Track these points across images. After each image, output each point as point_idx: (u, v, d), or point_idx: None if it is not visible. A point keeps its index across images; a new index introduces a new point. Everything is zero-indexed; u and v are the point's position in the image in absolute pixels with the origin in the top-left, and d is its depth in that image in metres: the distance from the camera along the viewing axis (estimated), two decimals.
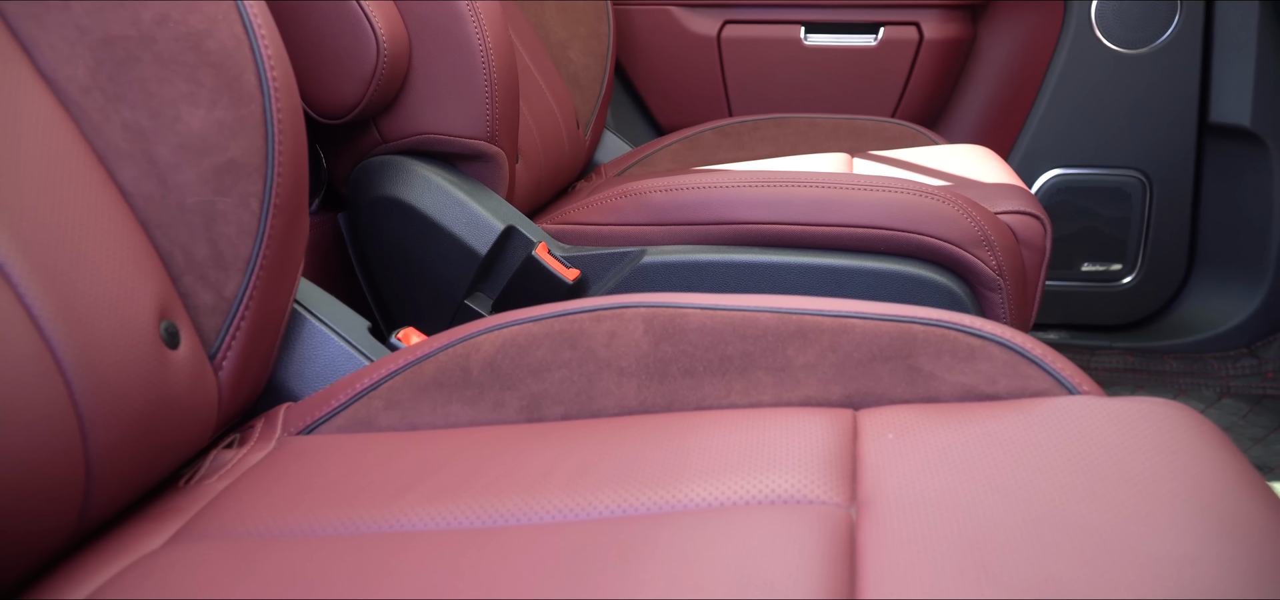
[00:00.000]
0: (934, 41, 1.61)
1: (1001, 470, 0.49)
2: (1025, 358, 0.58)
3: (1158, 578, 0.39)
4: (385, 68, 0.96)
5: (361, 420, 0.63)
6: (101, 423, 0.51)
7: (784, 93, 1.66)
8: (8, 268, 0.49)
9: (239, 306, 0.62)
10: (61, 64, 0.58)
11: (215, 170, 0.60)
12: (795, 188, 1.00)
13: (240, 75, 0.61)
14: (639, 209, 1.03)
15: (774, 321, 0.61)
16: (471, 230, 1.02)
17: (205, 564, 0.49)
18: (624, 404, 0.61)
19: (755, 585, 0.41)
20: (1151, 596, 0.38)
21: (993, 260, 0.97)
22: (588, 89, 1.48)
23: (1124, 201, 1.65)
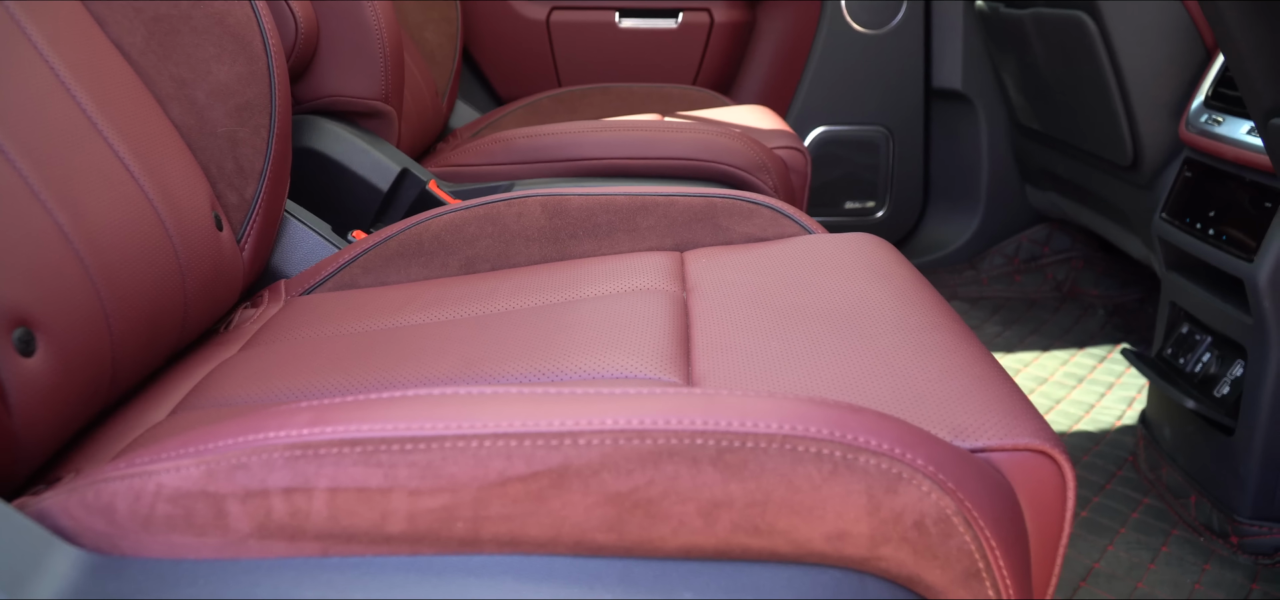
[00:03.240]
0: (722, 24, 1.98)
1: (766, 268, 0.83)
2: (784, 215, 0.93)
3: (845, 298, 0.73)
4: (301, 42, 1.21)
5: (346, 282, 0.90)
6: (191, 272, 0.77)
7: (604, 66, 1.99)
8: (131, 167, 0.74)
9: (255, 204, 0.88)
10: (124, 33, 0.83)
11: (237, 108, 0.86)
12: (626, 131, 1.32)
13: (251, 41, 0.87)
14: (506, 152, 1.33)
15: (627, 201, 0.93)
16: (374, 171, 1.28)
17: (272, 356, 0.76)
18: (531, 257, 0.91)
19: (636, 324, 0.72)
20: (840, 306, 0.72)
21: (770, 181, 1.33)
22: (442, 64, 1.75)
23: (873, 151, 2.08)
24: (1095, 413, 1.51)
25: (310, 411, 0.45)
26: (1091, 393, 1.58)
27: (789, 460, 0.43)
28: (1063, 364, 1.70)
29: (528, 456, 0.43)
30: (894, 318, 0.69)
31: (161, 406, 0.70)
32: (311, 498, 0.43)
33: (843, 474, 0.44)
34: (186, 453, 0.44)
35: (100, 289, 0.65)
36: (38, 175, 0.64)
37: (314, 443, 0.43)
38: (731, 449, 0.43)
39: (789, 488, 0.43)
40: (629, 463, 0.43)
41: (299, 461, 0.43)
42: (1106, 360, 1.71)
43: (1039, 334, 1.85)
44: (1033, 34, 1.63)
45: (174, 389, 0.73)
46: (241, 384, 0.70)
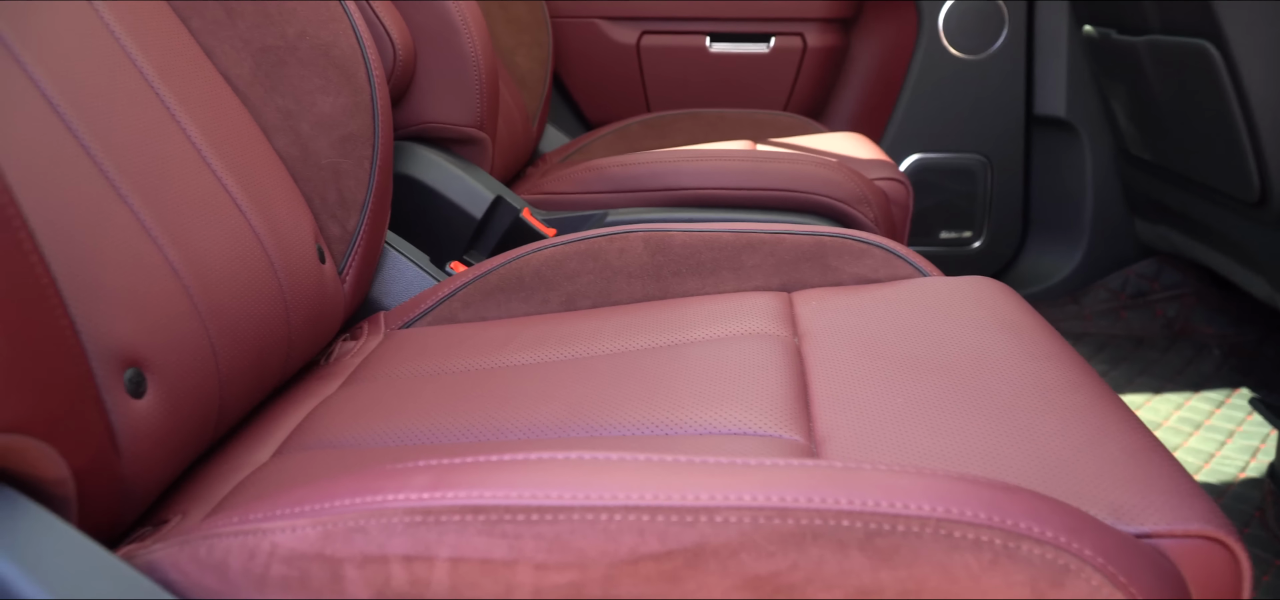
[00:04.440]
0: (815, 49, 1.94)
1: (881, 313, 0.79)
2: (897, 256, 0.88)
3: (969, 349, 0.69)
4: (399, 70, 1.21)
5: (445, 317, 0.89)
6: (296, 306, 0.76)
7: (693, 91, 1.96)
8: (238, 199, 0.74)
9: (356, 236, 0.87)
10: (232, 65, 0.83)
11: (340, 140, 0.85)
12: (723, 161, 1.29)
13: (355, 73, 0.86)
14: (600, 180, 1.31)
15: (732, 237, 0.89)
16: (469, 198, 1.27)
17: (375, 394, 0.74)
18: (633, 294, 0.89)
19: (750, 372, 0.69)
20: (965, 359, 0.68)
21: (871, 214, 1.29)
22: (533, 88, 1.74)
23: (971, 179, 2.01)
24: (1216, 463, 1.43)
25: (430, 473, 0.43)
26: (1210, 441, 1.49)
27: (945, 547, 0.40)
28: (1177, 408, 1.61)
29: (661, 533, 0.40)
30: (1027, 374, 0.65)
31: (264, 445, 0.69)
32: (432, 567, 0.40)
33: (1004, 564, 0.40)
34: (303, 511, 0.43)
35: (209, 326, 0.64)
36: (148, 209, 0.63)
37: (435, 508, 0.41)
38: (881, 532, 0.40)
39: (945, 577, 0.40)
40: (770, 544, 0.39)
41: (419, 528, 0.41)
42: (1225, 405, 1.61)
43: (1149, 375, 1.76)
44: (1148, 61, 1.56)
45: (276, 427, 0.72)
46: (345, 424, 0.68)
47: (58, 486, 0.47)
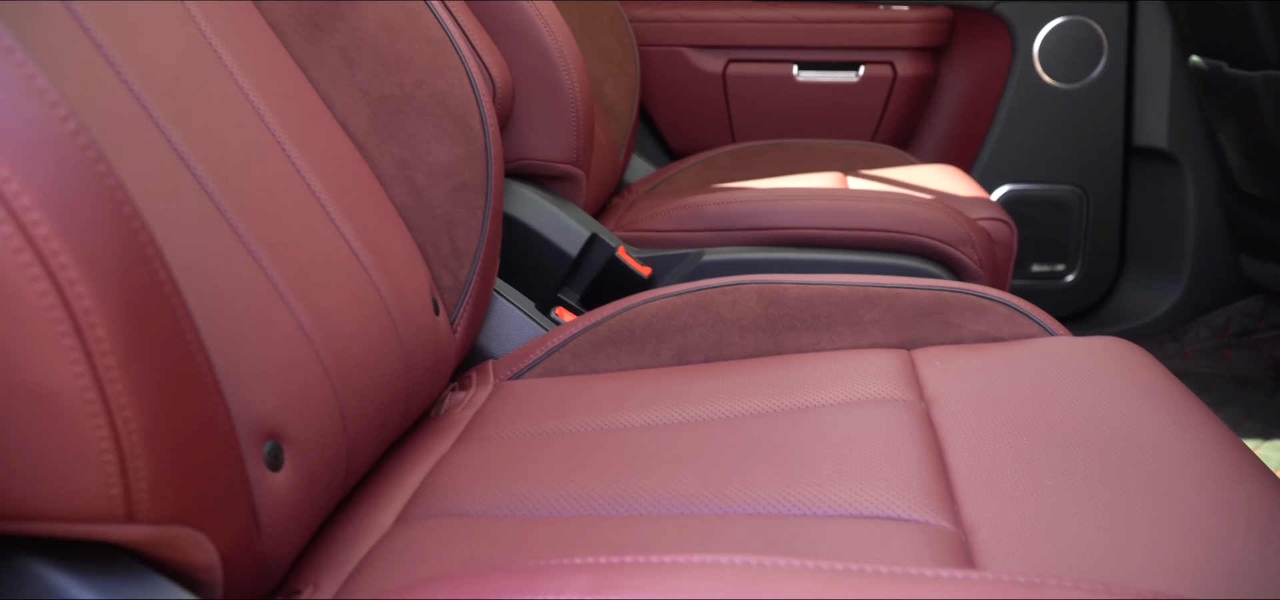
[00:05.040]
0: (905, 77, 1.91)
1: (1009, 377, 0.76)
2: (1021, 312, 0.85)
3: (1113, 424, 0.66)
4: (498, 108, 1.20)
5: (555, 368, 0.88)
6: (414, 362, 0.75)
7: (779, 120, 1.94)
8: (360, 255, 0.73)
9: (468, 286, 0.86)
10: (349, 114, 0.83)
11: (454, 189, 0.85)
12: (822, 200, 1.27)
13: (470, 122, 0.86)
14: (697, 218, 1.29)
15: (848, 292, 0.87)
16: (564, 236, 1.27)
17: (492, 455, 0.73)
18: (746, 350, 0.87)
19: (882, 444, 0.66)
20: (1111, 434, 0.64)
21: (975, 255, 1.25)
22: (620, 119, 1.73)
23: (1065, 211, 1.95)
24: None
25: (590, 574, 0.42)
26: None
27: None
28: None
29: None
30: (1182, 456, 0.61)
31: (385, 508, 0.68)
32: None
33: None
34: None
35: (338, 390, 0.63)
36: (279, 271, 0.63)
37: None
38: None
39: None
40: None
41: None
42: None
43: (1256, 419, 1.69)
44: (1264, 97, 1.49)
45: (395, 487, 0.71)
46: (465, 488, 0.67)
47: (206, 572, 0.46)
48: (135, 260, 0.40)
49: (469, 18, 1.18)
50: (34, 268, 0.36)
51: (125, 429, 0.40)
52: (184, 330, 0.44)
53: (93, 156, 0.40)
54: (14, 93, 0.37)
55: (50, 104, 0.38)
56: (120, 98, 0.57)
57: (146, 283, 0.40)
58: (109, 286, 0.38)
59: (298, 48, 0.81)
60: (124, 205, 0.41)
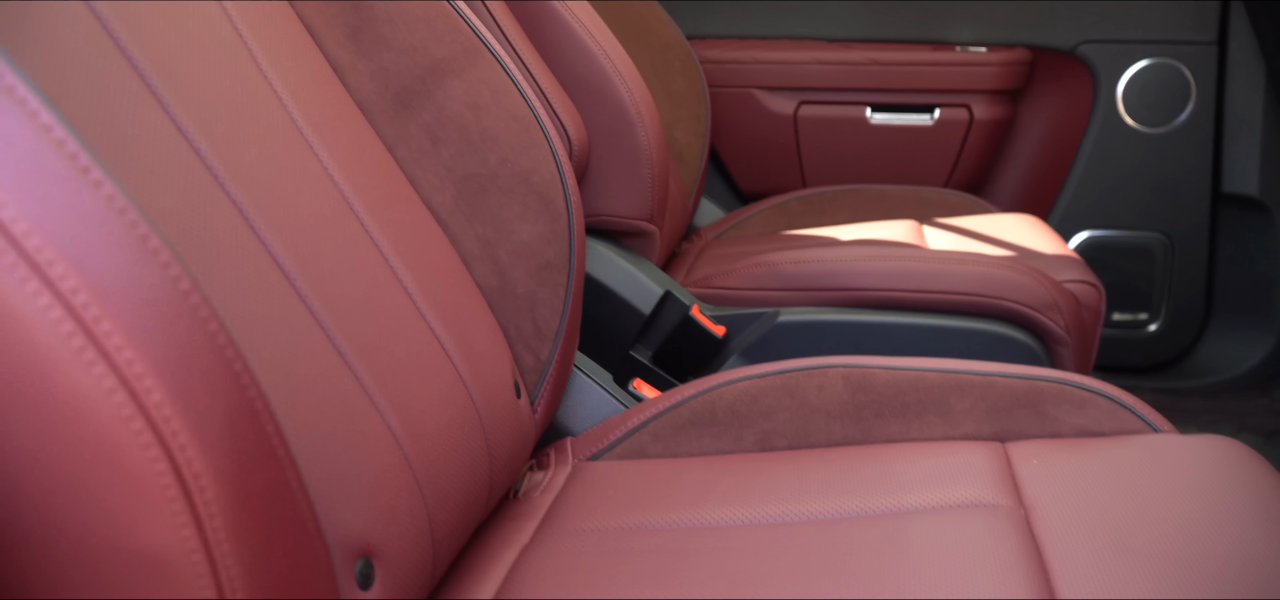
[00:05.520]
0: (982, 121, 1.86)
1: (1114, 483, 0.72)
2: (1123, 406, 0.82)
3: (1241, 553, 0.62)
4: (574, 165, 1.20)
5: (635, 450, 0.86)
6: (497, 450, 0.74)
7: (851, 164, 1.90)
8: (447, 346, 0.72)
9: (549, 365, 0.85)
10: (434, 193, 0.82)
11: (537, 268, 0.84)
12: (903, 261, 1.24)
13: (553, 200, 0.85)
14: (773, 277, 1.27)
15: (939, 378, 0.84)
16: (637, 294, 1.25)
17: (576, 552, 0.72)
18: (832, 437, 0.84)
19: (985, 563, 0.64)
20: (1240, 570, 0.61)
21: (1061, 321, 1.21)
22: (690, 164, 1.72)
23: (1148, 259, 1.89)
24: None
25: None
26: None
27: None
28: None
29: None
30: None
31: None
32: None
33: None
34: None
35: (427, 495, 0.62)
36: (370, 374, 0.62)
37: None
38: None
39: None
40: None
41: None
42: None
43: None
44: None
45: (478, 579, 0.70)
46: (552, 590, 0.66)
47: None
48: (245, 420, 0.39)
49: (546, 75, 1.17)
50: (146, 436, 0.36)
51: (231, 587, 0.39)
52: (288, 480, 0.43)
53: (205, 316, 0.39)
54: (128, 254, 0.37)
55: (163, 265, 0.37)
56: (221, 207, 0.57)
57: (255, 441, 0.39)
58: (219, 452, 0.38)
59: (384, 126, 0.81)
60: (234, 362, 0.40)
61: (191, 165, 0.56)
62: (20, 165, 0.34)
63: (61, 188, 0.35)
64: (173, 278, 0.37)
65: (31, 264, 0.34)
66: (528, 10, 1.20)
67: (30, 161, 0.34)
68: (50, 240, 0.34)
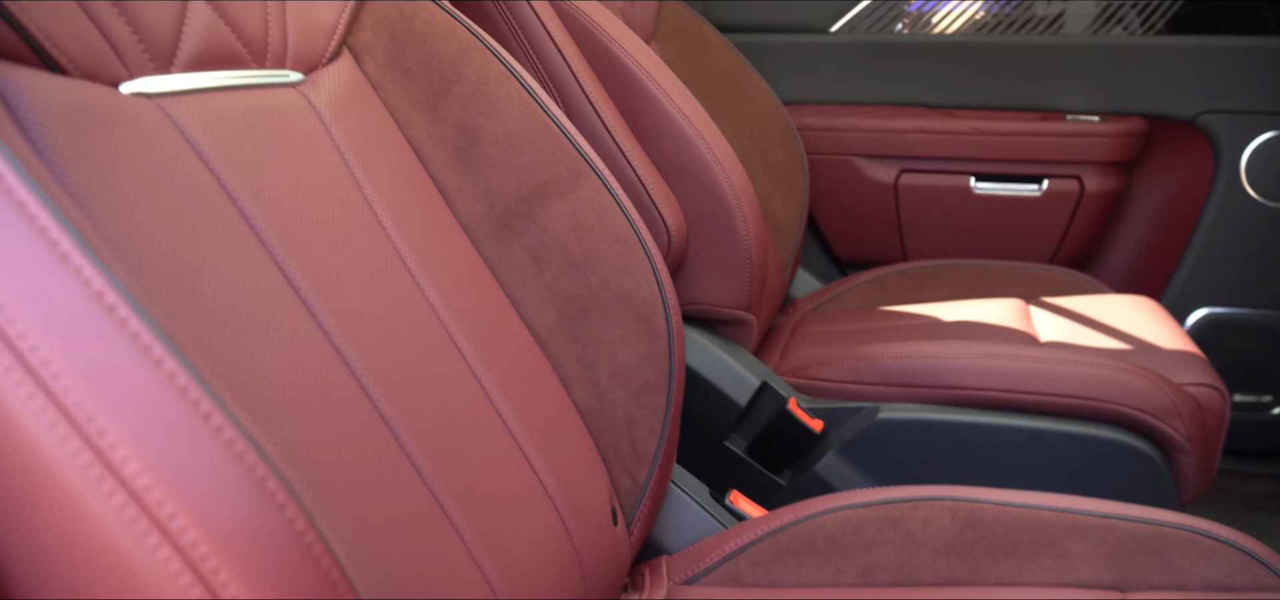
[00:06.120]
0: (1094, 193, 1.79)
1: None
2: (1255, 559, 0.77)
3: None
4: (672, 255, 1.19)
5: (731, 577, 0.85)
6: (592, 581, 0.74)
7: (952, 235, 1.85)
8: (543, 478, 0.72)
9: (646, 487, 0.84)
10: (536, 315, 0.82)
11: (637, 390, 0.83)
12: (1011, 360, 1.19)
13: (654, 321, 0.84)
14: (873, 371, 1.24)
15: (1054, 518, 0.80)
16: (732, 384, 1.24)
17: None
18: (938, 575, 0.81)
19: None
20: None
21: (1182, 428, 1.15)
22: (788, 235, 1.69)
23: (1272, 338, 1.79)
24: None
25: None
26: None
27: None
28: None
29: None
30: None
31: None
32: None
33: None
34: None
35: None
36: (469, 524, 0.62)
37: None
38: None
39: None
40: None
41: None
42: None
43: None
44: None
45: None
46: None
47: None
48: None
49: (646, 166, 1.17)
50: None
51: None
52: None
53: (301, 529, 0.39)
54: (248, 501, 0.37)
55: (258, 482, 0.37)
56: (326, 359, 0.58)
57: None
58: None
59: (488, 248, 0.81)
60: (330, 571, 0.40)
61: (298, 318, 0.57)
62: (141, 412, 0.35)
63: (183, 438, 0.35)
64: (289, 519, 0.37)
65: (153, 518, 0.34)
66: (628, 99, 1.20)
67: (152, 411, 0.35)
68: (172, 493, 0.35)
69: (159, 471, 0.35)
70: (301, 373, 0.55)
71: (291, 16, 0.71)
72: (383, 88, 0.80)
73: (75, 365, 0.34)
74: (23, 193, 0.36)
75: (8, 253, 0.35)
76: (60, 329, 0.34)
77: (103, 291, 0.36)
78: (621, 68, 1.20)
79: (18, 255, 0.35)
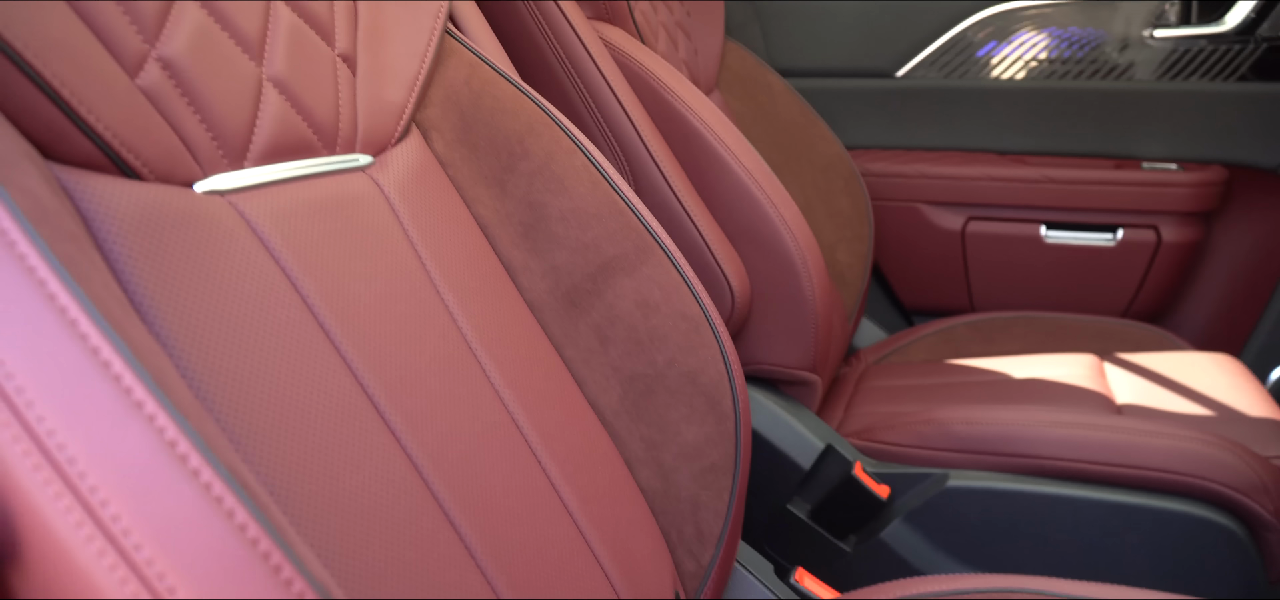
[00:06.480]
0: (1171, 244, 1.73)
1: None
2: None
3: None
4: (736, 317, 1.17)
5: None
6: None
7: (1021, 282, 1.81)
8: (609, 573, 0.71)
9: (710, 571, 0.82)
10: (600, 393, 0.81)
11: (702, 471, 0.81)
12: (1087, 429, 1.15)
13: (721, 401, 0.82)
14: (942, 437, 1.20)
15: None
16: (796, 447, 1.21)
17: None
18: None
19: None
20: None
21: (1270, 505, 1.10)
22: (852, 285, 1.66)
23: None
24: None
25: None
26: None
27: None
28: None
29: None
30: None
31: None
32: None
33: None
34: None
35: None
36: None
37: None
38: None
39: None
40: None
41: None
42: None
43: None
44: None
45: None
46: None
47: None
48: None
49: (712, 227, 1.16)
50: None
51: None
52: None
53: None
54: None
55: None
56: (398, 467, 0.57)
57: None
58: None
59: (554, 326, 0.80)
60: None
61: (368, 425, 0.56)
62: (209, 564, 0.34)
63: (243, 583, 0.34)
64: None
65: None
66: (693, 158, 1.19)
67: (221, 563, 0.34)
68: None
69: None
70: (370, 484, 0.55)
71: (362, 100, 0.71)
72: (451, 165, 0.79)
73: (145, 519, 0.34)
74: (97, 339, 0.36)
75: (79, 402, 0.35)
76: (129, 485, 0.34)
77: (176, 440, 0.35)
78: (688, 127, 1.19)
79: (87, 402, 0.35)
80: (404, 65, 0.76)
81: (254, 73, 0.61)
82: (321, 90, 0.67)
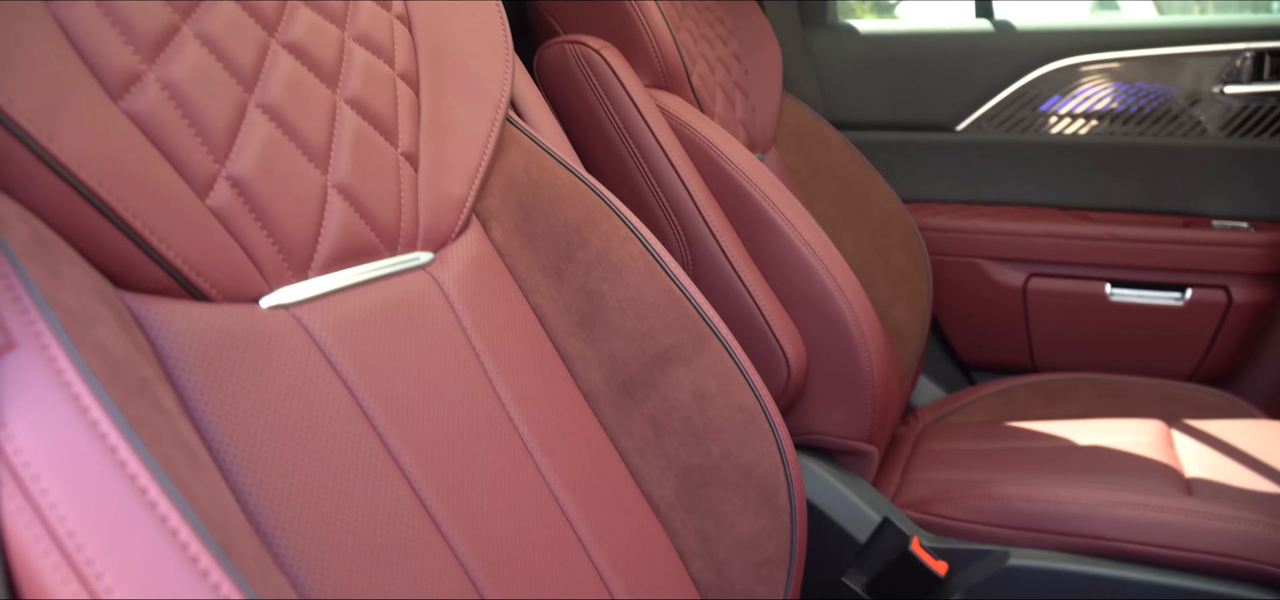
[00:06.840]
0: (1242, 304, 1.68)
1: None
2: None
3: None
4: (791, 387, 1.16)
5: None
6: None
7: (1084, 341, 1.77)
8: None
9: None
10: (655, 485, 0.80)
11: (756, 564, 0.80)
12: (1154, 512, 1.12)
13: (776, 494, 0.81)
14: (1002, 513, 1.18)
15: None
16: (852, 520, 1.20)
17: None
18: None
19: None
20: None
21: None
22: (909, 342, 1.64)
23: None
24: None
25: None
26: None
27: None
28: None
29: None
30: None
31: None
32: None
33: None
34: None
35: None
36: None
37: None
38: None
39: None
40: None
41: None
42: None
43: None
44: None
45: None
46: None
47: None
48: None
49: (768, 296, 1.15)
50: None
51: None
52: None
53: None
54: None
55: None
56: (451, 574, 0.57)
57: None
58: None
59: (609, 416, 0.80)
60: None
61: (425, 536, 0.57)
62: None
63: None
64: None
65: None
66: (748, 224, 1.19)
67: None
68: None
69: None
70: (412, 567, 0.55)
71: (423, 195, 0.72)
72: (509, 254, 0.80)
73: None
74: (144, 479, 0.36)
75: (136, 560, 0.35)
76: None
77: (219, 583, 0.36)
78: (743, 193, 1.18)
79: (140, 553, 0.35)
80: (466, 158, 0.76)
81: (319, 181, 0.62)
82: (385, 193, 0.67)
